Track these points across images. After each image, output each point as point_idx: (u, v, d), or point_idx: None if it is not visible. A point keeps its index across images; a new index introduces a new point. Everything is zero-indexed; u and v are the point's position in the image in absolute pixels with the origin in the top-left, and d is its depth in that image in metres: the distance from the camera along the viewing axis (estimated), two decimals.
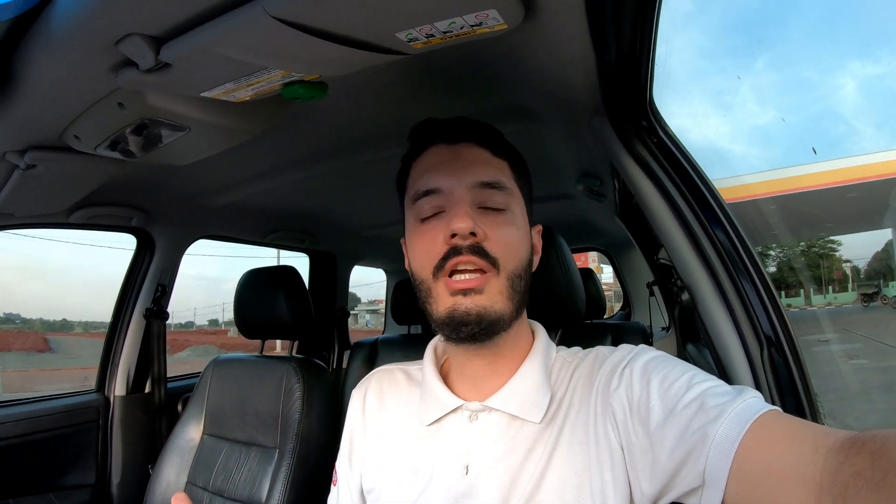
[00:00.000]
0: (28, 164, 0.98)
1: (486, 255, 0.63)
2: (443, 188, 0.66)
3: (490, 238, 0.64)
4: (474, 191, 0.66)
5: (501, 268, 0.64)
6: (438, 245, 0.64)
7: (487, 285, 0.63)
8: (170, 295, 1.90)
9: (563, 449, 0.61)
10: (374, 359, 2.01)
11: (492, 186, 0.66)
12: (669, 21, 0.73)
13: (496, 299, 0.63)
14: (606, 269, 8.59)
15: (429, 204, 0.67)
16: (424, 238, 0.67)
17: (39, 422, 1.60)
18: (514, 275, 0.65)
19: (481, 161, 0.68)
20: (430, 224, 0.67)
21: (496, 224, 0.65)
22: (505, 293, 0.64)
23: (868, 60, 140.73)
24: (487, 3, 0.57)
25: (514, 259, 0.66)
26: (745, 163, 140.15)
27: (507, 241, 0.65)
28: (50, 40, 0.63)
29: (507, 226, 0.66)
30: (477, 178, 0.66)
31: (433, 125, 0.72)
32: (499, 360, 0.69)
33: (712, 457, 0.49)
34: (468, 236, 0.62)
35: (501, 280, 0.64)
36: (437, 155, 0.69)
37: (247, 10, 0.55)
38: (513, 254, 0.65)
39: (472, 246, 0.63)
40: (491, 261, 0.63)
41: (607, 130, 0.94)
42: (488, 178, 0.66)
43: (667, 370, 0.59)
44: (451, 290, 0.63)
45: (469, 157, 0.68)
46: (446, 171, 0.67)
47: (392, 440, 0.72)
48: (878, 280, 18.71)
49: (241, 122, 0.89)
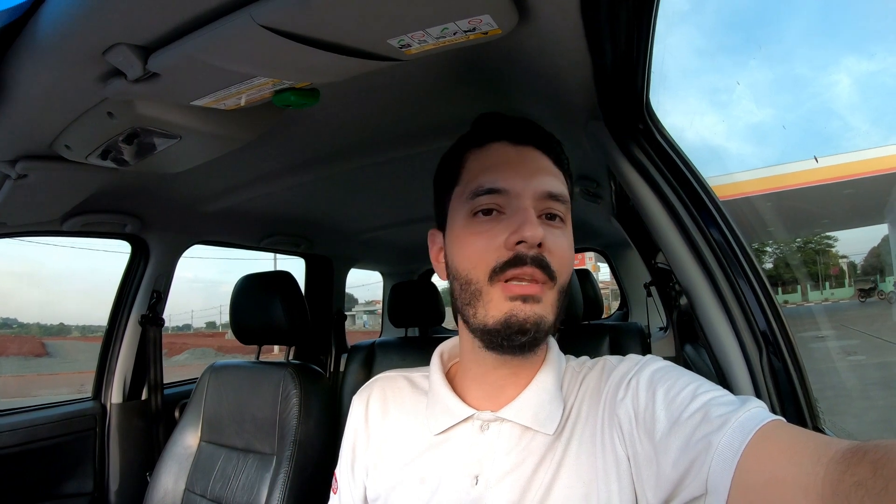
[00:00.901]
0: (19, 173, 0.97)
1: (547, 268, 0.61)
2: (510, 189, 0.63)
3: (551, 250, 0.62)
4: (539, 199, 0.64)
5: (557, 281, 0.63)
6: (497, 248, 0.62)
7: (545, 296, 0.62)
8: (165, 301, 1.89)
9: (571, 459, 0.61)
10: (372, 362, 2.01)
11: (556, 198, 0.65)
12: (664, 20, 0.73)
13: (551, 310, 0.63)
14: (603, 268, 8.59)
15: (488, 202, 0.64)
16: (480, 238, 0.63)
17: (36, 430, 1.59)
18: (563, 289, 0.64)
19: (546, 170, 0.66)
20: (488, 224, 0.64)
21: (556, 237, 0.64)
22: (556, 305, 0.63)
23: (863, 56, 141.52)
24: (481, 9, 0.56)
25: (567, 273, 0.65)
26: (741, 160, 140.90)
27: (565, 255, 0.64)
28: (37, 50, 0.63)
29: (564, 239, 0.65)
30: (545, 188, 0.64)
31: (499, 120, 0.70)
32: (522, 369, 0.67)
33: (715, 466, 0.48)
34: (535, 247, 0.61)
35: (555, 293, 0.63)
36: (502, 153, 0.67)
37: (234, 19, 0.54)
38: (567, 268, 0.65)
39: (536, 257, 0.61)
40: (550, 274, 0.62)
41: (604, 134, 0.94)
42: (555, 190, 0.65)
43: (672, 380, 0.58)
44: (510, 295, 0.61)
45: (535, 164, 0.66)
46: (514, 171, 0.64)
47: (398, 449, 0.71)
48: (875, 275, 18.76)
49: (233, 130, 0.88)
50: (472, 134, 0.71)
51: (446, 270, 0.70)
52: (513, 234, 0.61)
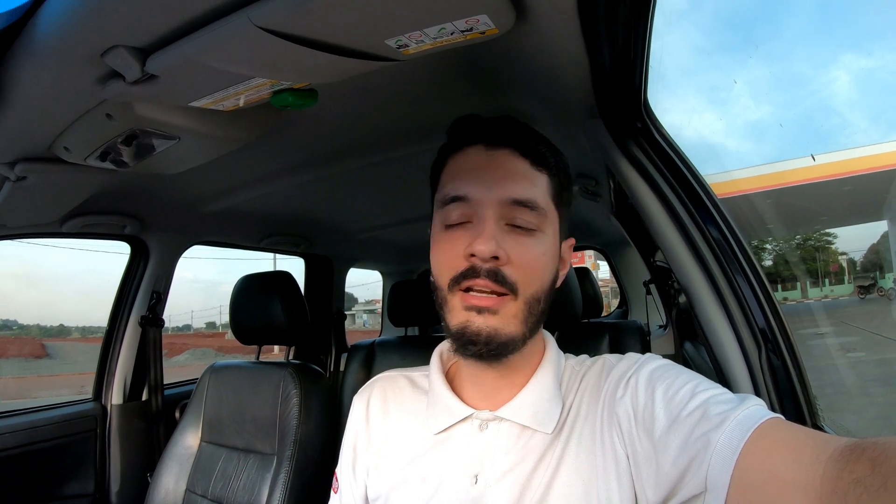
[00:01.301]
0: (18, 175, 0.97)
1: (503, 280, 0.60)
2: (472, 198, 0.63)
3: (512, 261, 0.61)
4: (504, 207, 0.62)
5: (520, 293, 0.61)
6: (458, 258, 0.62)
7: (503, 307, 0.61)
8: (165, 302, 1.89)
9: (571, 458, 0.61)
10: (372, 361, 2.01)
11: (523, 205, 0.63)
12: (662, 18, 0.73)
13: (509, 322, 0.62)
14: (602, 266, 8.58)
15: (456, 211, 0.64)
16: (445, 247, 0.64)
17: (37, 432, 1.59)
18: (532, 299, 0.63)
19: (518, 174, 0.64)
20: (455, 233, 0.64)
21: (522, 246, 0.62)
22: (520, 317, 0.62)
23: (861, 54, 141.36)
24: (478, 9, 0.56)
25: (536, 283, 0.63)
26: (739, 158, 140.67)
27: (530, 264, 0.62)
28: (35, 53, 0.63)
29: (533, 248, 0.63)
30: (509, 195, 0.62)
31: (475, 123, 0.69)
32: (511, 372, 0.67)
33: (714, 463, 0.49)
34: (489, 259, 0.60)
35: (518, 304, 0.62)
36: (473, 158, 0.66)
37: (232, 21, 0.54)
38: (534, 277, 0.63)
39: (490, 270, 0.60)
40: (509, 286, 0.61)
41: (602, 133, 0.94)
42: (521, 196, 0.63)
43: (671, 379, 0.59)
44: (465, 305, 0.62)
45: (506, 167, 0.64)
46: (478, 179, 0.63)
47: (398, 448, 0.71)
48: (875, 272, 18.74)
49: (232, 131, 0.88)
50: (450, 139, 0.71)
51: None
52: (467, 246, 0.61)
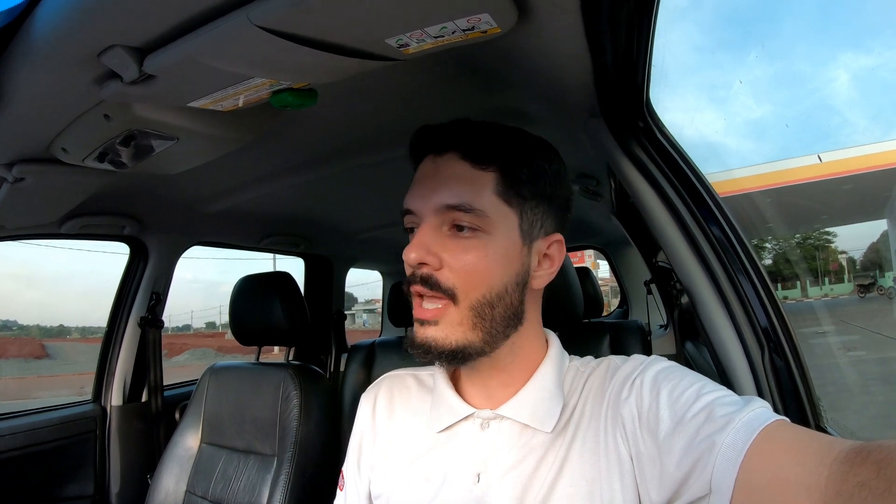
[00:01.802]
0: (16, 177, 0.97)
1: (436, 286, 0.61)
2: (414, 209, 0.65)
3: (448, 266, 0.62)
4: (441, 213, 0.63)
5: (460, 298, 0.61)
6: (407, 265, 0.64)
7: (444, 317, 0.62)
8: (164, 303, 1.89)
9: (574, 458, 0.61)
10: (372, 362, 2.01)
11: (458, 209, 0.62)
12: (664, 16, 0.72)
13: (454, 331, 0.62)
14: (603, 265, 8.59)
15: (409, 222, 0.67)
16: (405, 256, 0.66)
17: (37, 434, 1.59)
18: (479, 304, 0.62)
19: (456, 178, 0.63)
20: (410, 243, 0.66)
21: (458, 249, 0.62)
22: (466, 324, 0.62)
23: (860, 52, 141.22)
24: (479, 7, 0.56)
25: (480, 288, 0.62)
26: (740, 156, 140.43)
27: (469, 268, 0.62)
28: (32, 53, 0.62)
29: (471, 252, 0.62)
30: (442, 201, 0.62)
31: (425, 134, 0.70)
32: (500, 373, 0.68)
33: (719, 465, 0.49)
34: (418, 266, 0.62)
35: (462, 310, 0.62)
36: (423, 169, 0.68)
37: (230, 20, 0.54)
38: (477, 282, 0.62)
39: (422, 276, 0.62)
40: (443, 291, 0.61)
41: (603, 132, 0.93)
42: (454, 201, 0.62)
43: (676, 381, 0.58)
44: (415, 317, 0.64)
45: (446, 174, 0.64)
46: (419, 191, 0.65)
47: (402, 447, 0.72)
48: (875, 271, 18.75)
49: (231, 131, 0.87)
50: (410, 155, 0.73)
51: None
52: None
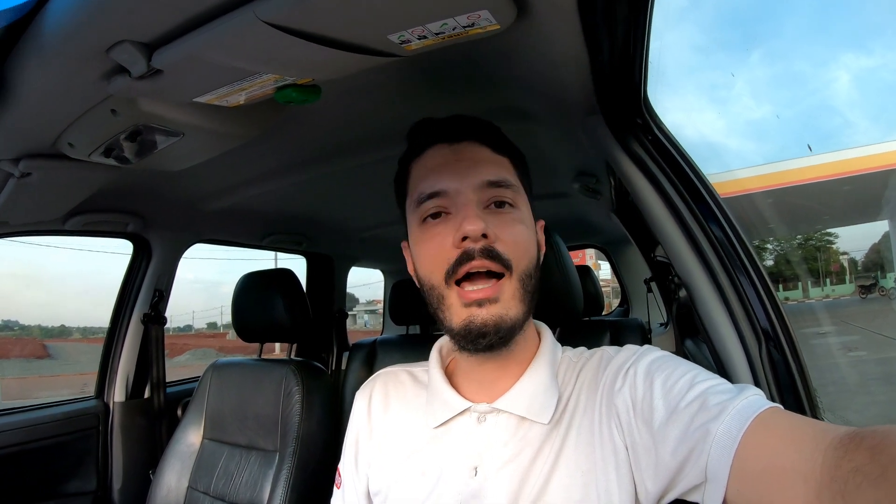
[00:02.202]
0: (22, 172, 0.97)
1: (499, 257, 0.62)
2: (448, 190, 0.65)
3: (501, 238, 0.62)
4: (480, 191, 0.64)
5: (514, 269, 0.63)
6: (448, 249, 0.63)
7: (502, 292, 0.62)
8: (167, 300, 1.89)
9: (570, 449, 0.61)
10: (373, 360, 2.01)
11: (498, 185, 0.65)
12: (662, 17, 0.73)
13: (511, 305, 0.63)
14: (604, 266, 8.59)
15: (433, 206, 0.66)
16: (432, 242, 0.65)
17: (39, 429, 1.59)
18: (525, 275, 0.64)
19: (484, 160, 0.66)
20: (437, 228, 0.65)
21: (505, 223, 0.64)
22: (518, 296, 0.63)
23: (861, 53, 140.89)
24: (479, 4, 0.56)
25: (525, 258, 0.64)
26: (740, 157, 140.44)
27: (517, 239, 0.64)
28: (41, 48, 0.63)
29: (516, 224, 0.65)
30: (483, 178, 0.65)
31: (431, 124, 0.71)
32: (509, 363, 0.68)
33: (714, 454, 0.49)
34: (480, 239, 0.61)
35: (514, 283, 0.63)
36: (438, 156, 0.68)
37: (238, 16, 0.54)
38: (523, 252, 0.64)
39: (484, 249, 0.61)
40: (504, 263, 0.62)
41: (602, 129, 0.94)
42: (494, 177, 0.65)
43: (670, 370, 0.59)
44: (466, 301, 0.62)
45: (471, 157, 0.66)
46: (450, 171, 0.65)
47: (399, 442, 0.72)
48: (876, 272, 18.73)
49: (235, 127, 0.88)
50: (410, 145, 0.73)
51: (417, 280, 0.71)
52: (457, 231, 0.62)
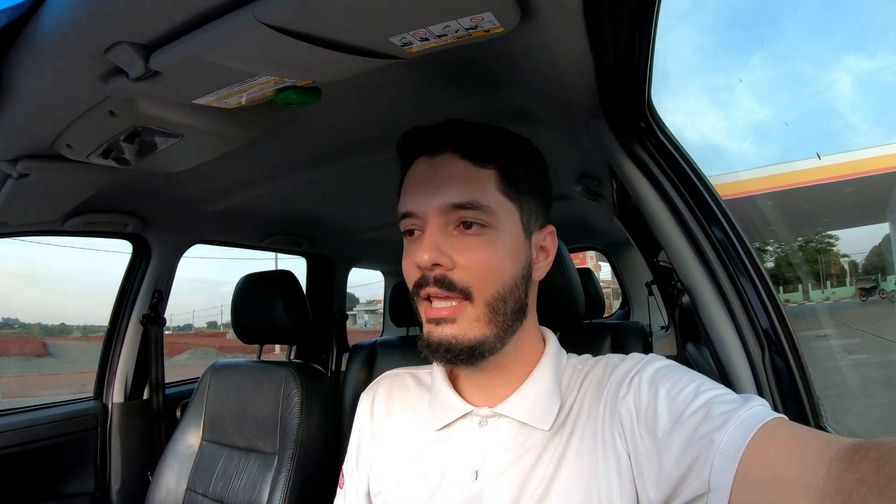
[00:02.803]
0: (20, 173, 0.97)
1: (452, 286, 0.61)
2: (416, 211, 0.64)
3: (460, 265, 0.62)
4: (446, 213, 0.63)
5: (475, 295, 0.62)
6: (413, 268, 0.64)
7: (461, 315, 0.62)
8: (167, 301, 1.89)
9: (572, 456, 0.61)
10: (373, 361, 2.01)
11: (465, 207, 0.62)
12: (665, 19, 0.72)
13: (471, 327, 0.62)
14: (605, 267, 8.59)
15: (409, 224, 0.66)
16: (406, 259, 0.66)
17: (38, 430, 1.59)
18: (493, 299, 0.62)
19: (458, 177, 0.64)
20: (411, 245, 0.66)
21: (469, 248, 0.62)
22: (483, 320, 0.62)
23: (863, 55, 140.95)
24: (482, 6, 0.56)
25: (494, 283, 0.63)
26: (742, 159, 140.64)
27: (480, 265, 0.62)
28: (38, 49, 0.62)
29: (482, 248, 0.62)
30: (448, 200, 0.62)
31: (416, 136, 0.69)
32: (503, 371, 0.68)
33: (717, 463, 0.49)
34: (432, 268, 0.61)
35: (478, 308, 0.62)
36: (418, 171, 0.67)
37: (237, 17, 0.54)
38: (490, 278, 0.62)
39: (436, 277, 0.62)
40: (459, 291, 0.61)
41: (605, 132, 0.93)
42: (461, 199, 0.62)
43: (675, 379, 0.59)
44: (427, 318, 0.64)
45: (446, 173, 0.64)
46: (420, 192, 0.64)
47: (401, 445, 0.72)
48: (877, 274, 18.73)
49: (235, 128, 0.88)
50: (399, 157, 0.72)
51: None
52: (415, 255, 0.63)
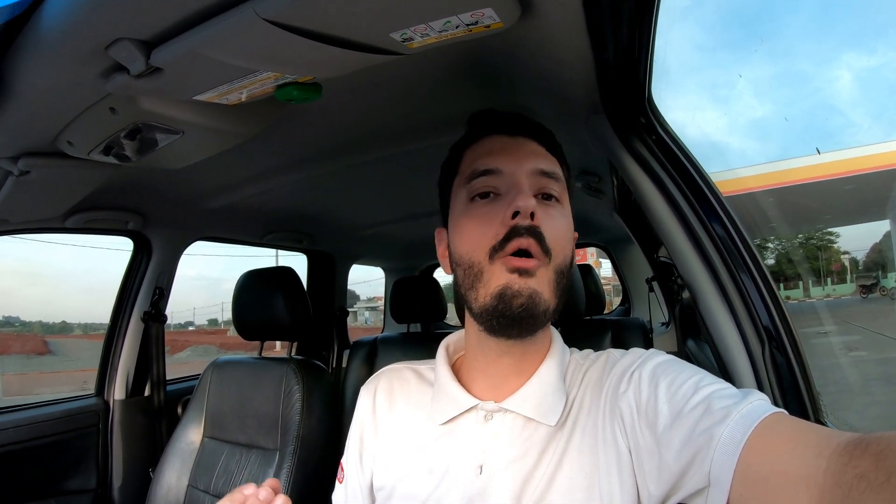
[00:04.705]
0: (21, 170, 0.97)
1: (542, 240, 0.62)
2: (503, 169, 0.66)
3: (545, 227, 0.63)
4: (533, 177, 0.66)
5: (552, 259, 0.63)
6: (496, 226, 0.63)
7: (540, 271, 0.62)
8: (168, 298, 1.89)
9: (574, 451, 0.61)
10: (374, 358, 2.01)
11: (550, 176, 0.67)
12: (665, 15, 0.72)
13: (545, 289, 0.63)
14: (605, 263, 8.60)
15: (485, 184, 0.67)
16: (480, 220, 0.65)
17: (40, 427, 1.60)
18: (560, 269, 0.65)
19: (539, 154, 0.69)
20: (485, 208, 0.66)
21: (550, 216, 0.65)
22: (551, 286, 0.64)
23: (863, 52, 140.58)
24: (483, 2, 0.56)
25: (562, 253, 0.65)
26: (742, 155, 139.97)
27: (559, 232, 0.65)
28: (39, 46, 0.62)
29: (560, 218, 0.67)
30: (538, 166, 0.67)
31: (493, 116, 0.73)
32: (525, 359, 0.68)
33: (717, 458, 0.49)
34: (528, 217, 0.62)
35: (550, 272, 0.64)
36: (496, 142, 0.70)
37: (237, 13, 0.54)
38: (562, 246, 0.65)
39: (530, 227, 0.62)
40: (545, 249, 0.62)
41: (606, 128, 0.93)
42: (548, 168, 0.67)
43: (675, 374, 0.59)
44: (509, 268, 0.62)
45: (529, 149, 0.69)
46: (507, 154, 0.67)
47: (404, 439, 0.72)
48: (877, 271, 18.75)
49: (236, 125, 0.88)
50: (469, 132, 0.74)
51: (450, 263, 0.71)
52: (508, 207, 0.62)
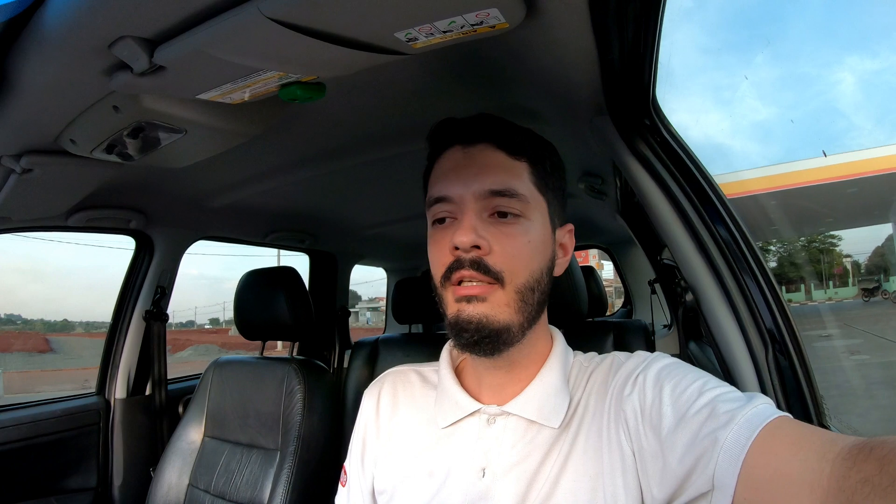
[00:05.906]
0: (24, 168, 0.97)
1: (487, 270, 0.62)
2: (452, 196, 0.65)
3: (495, 251, 0.62)
4: (483, 199, 0.64)
5: (507, 282, 0.62)
6: (446, 253, 0.64)
7: (492, 296, 0.62)
8: (169, 297, 1.89)
9: (578, 454, 0.61)
10: (376, 358, 2.01)
11: (502, 194, 0.64)
12: (670, 17, 0.72)
13: (500, 310, 0.62)
14: (607, 265, 8.59)
15: (441, 211, 0.66)
16: (436, 246, 0.66)
17: (40, 425, 1.60)
18: (524, 288, 0.63)
19: (495, 166, 0.65)
20: (441, 233, 0.66)
21: (504, 235, 0.63)
22: (512, 306, 0.63)
23: (866, 55, 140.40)
24: (488, 2, 0.56)
25: (524, 271, 0.64)
26: (746, 158, 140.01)
27: (514, 252, 0.63)
28: (42, 44, 0.62)
29: (516, 237, 0.64)
30: (486, 186, 0.64)
31: (450, 126, 0.71)
32: (515, 368, 0.68)
33: (721, 462, 0.49)
34: (470, 250, 0.62)
35: (508, 293, 0.63)
36: (451, 159, 0.68)
37: (241, 12, 0.54)
38: (521, 266, 0.64)
39: (473, 260, 0.62)
40: (493, 275, 0.62)
41: (610, 130, 0.93)
42: (498, 186, 0.64)
43: (680, 377, 0.59)
44: (457, 297, 0.63)
45: (483, 162, 0.65)
46: (457, 177, 0.65)
47: (406, 442, 0.72)
48: (879, 275, 18.72)
49: (239, 124, 0.88)
50: (430, 145, 0.73)
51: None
52: (450, 240, 0.63)
